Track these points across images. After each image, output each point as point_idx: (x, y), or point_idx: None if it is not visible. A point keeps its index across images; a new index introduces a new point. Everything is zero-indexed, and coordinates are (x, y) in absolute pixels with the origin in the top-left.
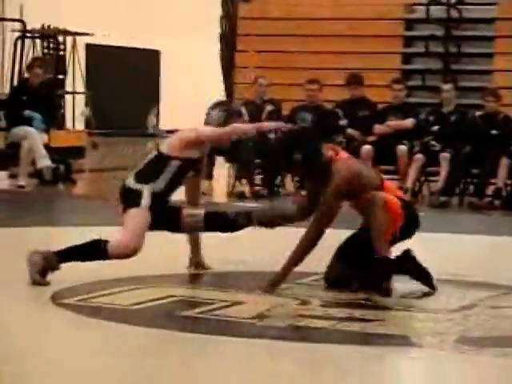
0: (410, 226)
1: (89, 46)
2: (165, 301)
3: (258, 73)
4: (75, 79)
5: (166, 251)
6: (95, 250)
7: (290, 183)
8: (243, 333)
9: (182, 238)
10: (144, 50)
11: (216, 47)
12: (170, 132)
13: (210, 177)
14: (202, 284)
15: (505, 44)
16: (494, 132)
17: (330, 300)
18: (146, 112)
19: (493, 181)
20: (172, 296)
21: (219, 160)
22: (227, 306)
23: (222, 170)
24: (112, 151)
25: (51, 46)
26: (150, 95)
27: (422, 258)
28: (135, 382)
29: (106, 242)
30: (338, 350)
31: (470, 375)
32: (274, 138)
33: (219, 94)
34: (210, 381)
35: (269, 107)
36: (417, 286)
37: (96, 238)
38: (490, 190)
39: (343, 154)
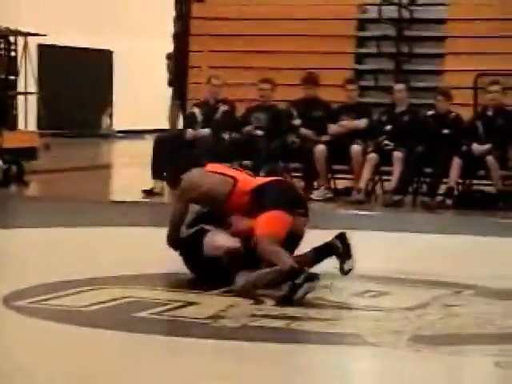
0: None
1: (41, 47)
2: (119, 302)
3: (211, 72)
4: (27, 80)
5: (122, 252)
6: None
7: None
8: (198, 333)
9: (133, 239)
10: (96, 50)
11: (169, 47)
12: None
13: (163, 177)
14: (157, 285)
15: (455, 44)
16: (445, 131)
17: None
18: (99, 113)
19: (445, 180)
20: (126, 297)
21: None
22: (182, 307)
23: None
24: (65, 152)
25: (2, 46)
26: (102, 96)
27: (375, 256)
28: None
29: None
30: (291, 350)
31: (423, 373)
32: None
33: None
34: (164, 382)
35: (223, 107)
36: (372, 285)
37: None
38: (442, 189)
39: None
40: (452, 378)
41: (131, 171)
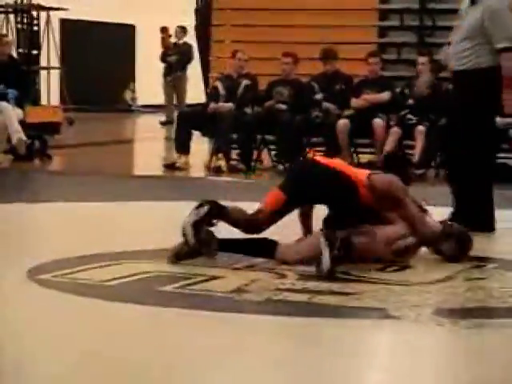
0: None
1: (63, 21)
2: (142, 276)
3: (233, 47)
4: (50, 55)
5: (145, 227)
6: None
7: (266, 158)
8: (220, 307)
9: (155, 213)
10: (119, 24)
11: (192, 21)
12: (146, 107)
13: (186, 151)
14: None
15: None
16: None
17: (307, 273)
18: (121, 87)
19: None
20: (149, 272)
21: (196, 134)
22: (205, 281)
23: (199, 144)
24: (88, 127)
25: (25, 21)
26: (125, 70)
27: None
28: (116, 359)
29: None
30: (314, 323)
31: (445, 347)
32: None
33: (195, 68)
34: (189, 356)
35: (245, 81)
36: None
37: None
38: None
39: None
40: (475, 352)
41: (154, 145)
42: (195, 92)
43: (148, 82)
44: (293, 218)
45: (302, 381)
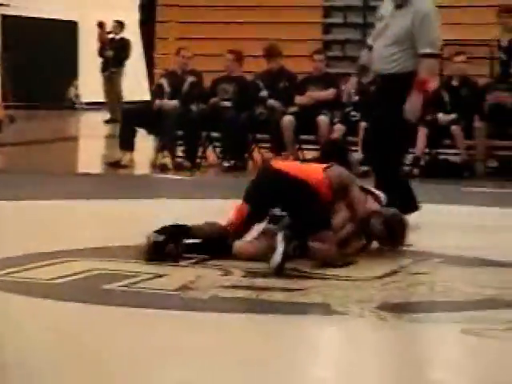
0: None
1: (4, 18)
2: (86, 274)
3: (178, 44)
4: None
5: (89, 225)
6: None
7: (212, 154)
8: (166, 305)
9: (101, 212)
10: (61, 21)
11: (136, 18)
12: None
13: (131, 149)
14: (125, 257)
15: None
16: None
17: (252, 270)
18: (65, 84)
19: (411, 150)
20: (95, 269)
21: (141, 132)
22: (150, 279)
23: (144, 142)
24: (30, 124)
25: None
26: (68, 67)
27: None
28: (59, 358)
29: None
30: (260, 320)
31: (389, 341)
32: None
33: (139, 65)
34: (134, 353)
35: (190, 78)
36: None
37: None
38: (408, 159)
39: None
40: (418, 346)
41: (98, 143)
42: (140, 89)
43: (91, 79)
44: None
45: (244, 377)
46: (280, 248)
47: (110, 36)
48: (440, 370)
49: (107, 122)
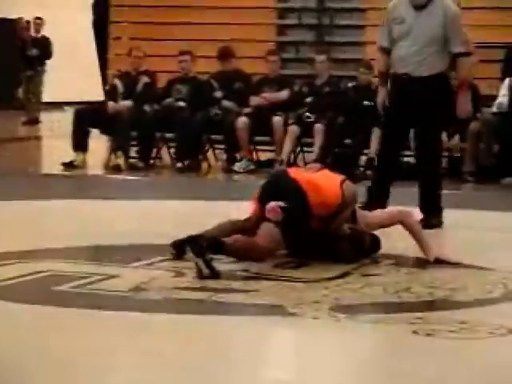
0: None
1: None
2: (37, 276)
3: (131, 44)
4: None
5: (40, 226)
6: None
7: (166, 155)
8: (119, 306)
9: (53, 212)
10: (9, 20)
11: (89, 17)
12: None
13: (84, 149)
14: (77, 258)
15: (376, 16)
16: (366, 103)
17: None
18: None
19: (365, 151)
20: (45, 271)
21: (94, 132)
22: (102, 280)
23: (97, 142)
24: None
25: None
26: (17, 67)
27: None
28: (11, 360)
29: None
30: (213, 321)
31: (342, 342)
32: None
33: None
34: (86, 355)
35: (144, 79)
36: (293, 256)
37: None
38: (362, 160)
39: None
40: (371, 347)
41: (50, 143)
42: (93, 89)
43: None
44: None
45: (193, 379)
46: (199, 262)
47: (33, 34)
48: (392, 370)
49: (26, 123)
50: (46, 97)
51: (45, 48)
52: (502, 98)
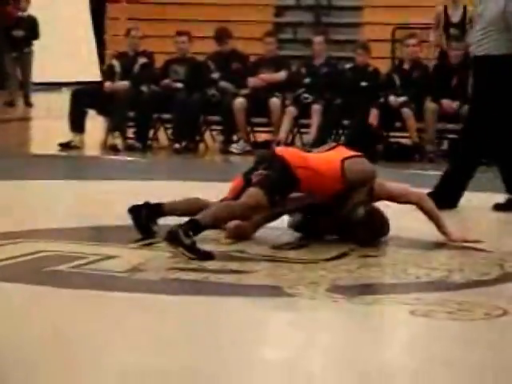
0: None
1: None
2: (35, 256)
3: (129, 24)
4: None
5: (39, 206)
6: None
7: (163, 136)
8: (116, 287)
9: (51, 192)
10: None
11: None
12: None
13: (81, 130)
14: (76, 238)
15: None
16: (363, 84)
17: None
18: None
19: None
20: (43, 251)
21: (91, 113)
22: (100, 260)
23: (94, 122)
24: None
25: None
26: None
27: None
28: (7, 338)
29: None
30: (210, 302)
31: (340, 323)
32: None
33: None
34: (83, 335)
35: (142, 60)
36: (291, 237)
37: None
38: None
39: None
40: (369, 328)
41: (48, 124)
42: (91, 70)
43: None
44: None
45: (189, 360)
46: (183, 251)
47: (19, 14)
48: (389, 350)
49: (8, 104)
50: (39, 78)
51: (31, 28)
52: None
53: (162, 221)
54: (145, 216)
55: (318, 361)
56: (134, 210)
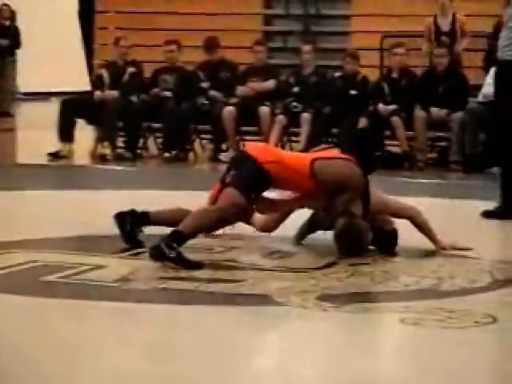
0: None
1: None
2: (24, 266)
3: (118, 34)
4: None
5: (27, 216)
6: None
7: (152, 146)
8: (106, 296)
9: (39, 202)
10: None
11: (75, 7)
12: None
13: (70, 140)
14: (64, 248)
15: (362, 6)
16: (352, 92)
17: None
18: None
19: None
20: (33, 261)
21: (80, 122)
22: (90, 270)
23: (83, 132)
24: None
25: None
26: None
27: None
28: None
29: None
30: (200, 311)
31: (330, 332)
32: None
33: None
34: (74, 345)
35: (130, 69)
36: (280, 246)
37: None
38: None
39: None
40: (359, 336)
41: (37, 134)
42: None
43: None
44: None
45: (180, 369)
46: (169, 263)
47: (3, 22)
48: (380, 358)
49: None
50: (27, 87)
51: (14, 37)
52: (487, 87)
53: (153, 230)
54: (129, 223)
55: (309, 370)
56: (120, 217)
